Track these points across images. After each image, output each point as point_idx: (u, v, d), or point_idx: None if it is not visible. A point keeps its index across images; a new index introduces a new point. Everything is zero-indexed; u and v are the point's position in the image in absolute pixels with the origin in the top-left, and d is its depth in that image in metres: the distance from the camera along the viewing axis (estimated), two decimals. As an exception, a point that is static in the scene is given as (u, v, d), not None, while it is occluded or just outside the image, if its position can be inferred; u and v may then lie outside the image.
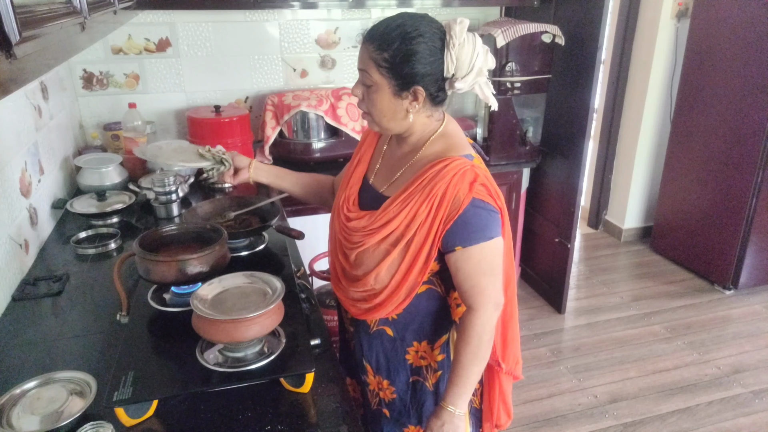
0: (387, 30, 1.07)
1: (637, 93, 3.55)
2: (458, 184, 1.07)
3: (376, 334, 1.27)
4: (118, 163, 2.09)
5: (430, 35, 1.06)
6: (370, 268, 1.16)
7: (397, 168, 1.19)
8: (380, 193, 1.20)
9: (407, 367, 1.28)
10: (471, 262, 1.11)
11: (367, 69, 1.09)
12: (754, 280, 3.21)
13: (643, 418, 2.32)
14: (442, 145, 1.15)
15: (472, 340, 1.14)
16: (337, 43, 2.72)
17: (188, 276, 1.22)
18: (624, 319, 3.01)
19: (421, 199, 1.09)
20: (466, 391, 1.16)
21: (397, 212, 1.11)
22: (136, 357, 1.10)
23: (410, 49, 1.05)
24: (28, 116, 1.76)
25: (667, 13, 3.30)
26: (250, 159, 1.44)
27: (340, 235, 1.23)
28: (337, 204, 1.28)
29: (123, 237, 1.75)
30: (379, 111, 1.12)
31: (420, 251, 1.12)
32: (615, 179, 3.86)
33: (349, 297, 1.25)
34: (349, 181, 1.28)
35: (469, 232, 1.09)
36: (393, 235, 1.12)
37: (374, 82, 1.09)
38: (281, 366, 1.08)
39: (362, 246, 1.15)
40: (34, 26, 0.72)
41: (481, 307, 1.13)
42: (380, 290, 1.18)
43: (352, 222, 1.19)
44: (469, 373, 1.15)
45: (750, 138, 2.93)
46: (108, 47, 2.43)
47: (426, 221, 1.09)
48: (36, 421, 0.97)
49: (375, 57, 1.07)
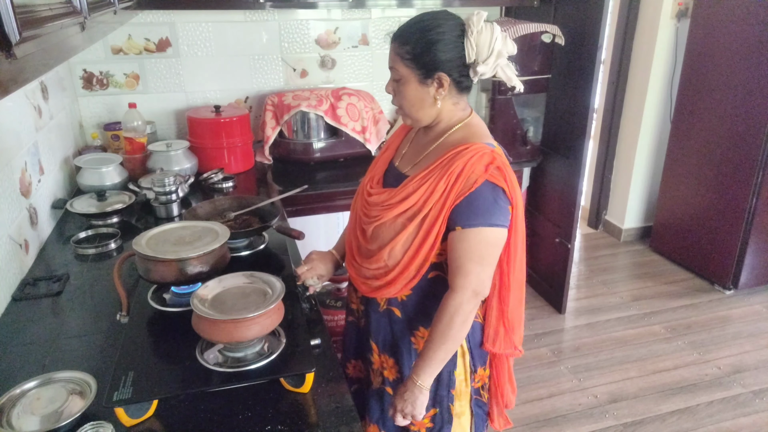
0: (408, 26, 1.16)
1: (637, 93, 3.55)
2: (475, 164, 1.12)
3: (384, 312, 1.30)
4: (118, 163, 2.09)
5: (449, 26, 1.13)
6: (385, 242, 1.20)
7: (422, 152, 1.24)
8: (403, 173, 1.26)
9: (412, 351, 1.30)
10: (464, 244, 1.13)
11: (394, 65, 1.18)
12: (754, 280, 3.20)
13: (644, 418, 2.32)
14: (465, 133, 1.21)
15: (443, 318, 1.16)
16: (337, 43, 2.72)
17: (188, 276, 1.22)
18: (624, 319, 3.01)
19: (439, 177, 1.14)
20: (431, 366, 1.18)
21: (416, 188, 1.16)
22: (136, 357, 1.10)
23: (430, 38, 1.12)
24: (28, 116, 1.76)
25: (667, 13, 3.29)
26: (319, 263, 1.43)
27: (361, 212, 1.28)
28: (362, 185, 1.34)
29: (123, 237, 1.75)
30: (408, 102, 1.19)
31: (432, 226, 1.15)
32: (615, 179, 3.86)
33: (361, 275, 1.29)
34: (376, 164, 1.35)
35: (472, 213, 1.12)
36: (411, 210, 1.17)
37: (402, 75, 1.17)
38: (281, 366, 1.08)
39: (379, 219, 1.20)
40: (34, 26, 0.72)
41: (460, 290, 1.15)
42: (392, 267, 1.21)
43: (373, 197, 1.25)
44: (436, 350, 1.17)
45: (750, 138, 2.93)
46: (108, 47, 2.43)
47: (441, 197, 1.14)
48: (36, 421, 0.97)
49: (399, 51, 1.16)
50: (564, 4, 2.69)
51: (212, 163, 2.30)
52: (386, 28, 2.76)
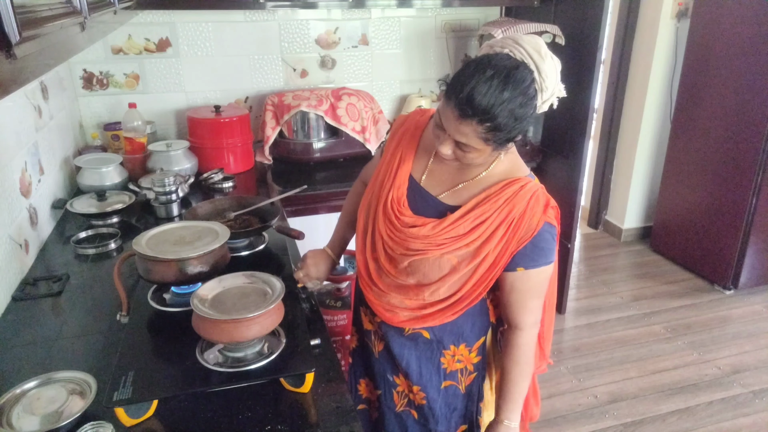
0: (497, 112, 0.95)
1: (637, 93, 3.55)
2: (534, 206, 1.08)
3: (410, 336, 1.24)
4: (118, 163, 2.09)
5: (529, 91, 0.98)
6: (430, 279, 1.12)
7: (458, 178, 1.15)
8: (438, 199, 1.15)
9: (441, 372, 1.26)
10: (528, 283, 1.12)
11: (472, 143, 1.00)
12: (754, 280, 3.20)
13: (644, 418, 2.32)
14: (508, 163, 1.14)
15: (522, 359, 1.17)
16: (337, 43, 2.72)
17: (188, 276, 1.22)
18: (624, 319, 3.01)
19: (499, 219, 1.08)
20: (519, 405, 1.20)
21: (472, 227, 1.09)
22: (136, 357, 1.10)
23: (518, 115, 0.97)
24: (28, 116, 1.76)
25: (667, 13, 3.29)
26: (320, 255, 1.40)
27: (389, 238, 1.16)
28: (379, 203, 1.19)
29: (123, 237, 1.75)
30: (474, 164, 1.09)
31: (490, 271, 1.10)
32: (615, 179, 3.86)
33: (386, 303, 1.21)
34: (394, 179, 1.19)
35: (535, 255, 1.10)
36: (465, 250, 1.09)
37: (476, 150, 1.02)
38: (281, 366, 1.08)
39: (422, 255, 1.11)
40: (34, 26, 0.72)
41: (526, 327, 1.16)
42: (432, 303, 1.15)
43: (413, 228, 1.13)
44: (521, 388, 1.19)
45: (750, 138, 2.92)
46: (108, 47, 2.43)
47: (501, 241, 1.09)
48: (36, 421, 0.97)
49: (485, 136, 0.99)
50: (564, 4, 2.69)
51: (212, 163, 2.30)
52: (386, 28, 2.76)
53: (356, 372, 1.45)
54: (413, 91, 2.92)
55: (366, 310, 1.33)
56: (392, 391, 1.34)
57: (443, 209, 1.13)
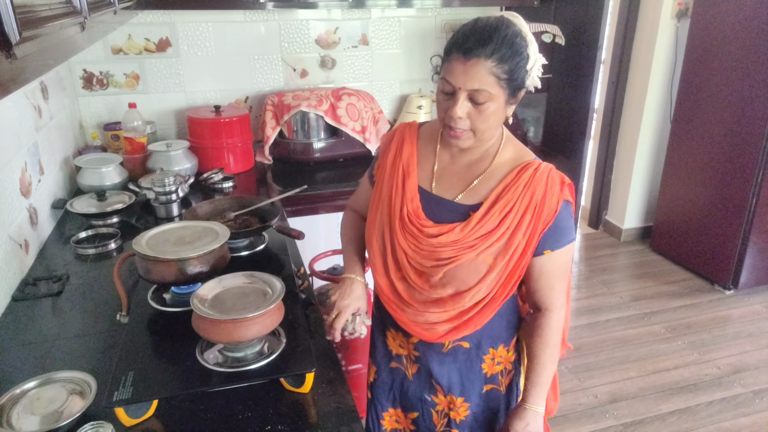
0: (491, 34, 0.98)
1: (637, 93, 3.55)
2: (552, 186, 1.08)
3: (450, 351, 1.21)
4: (118, 163, 2.09)
5: (519, 36, 1.01)
6: (468, 285, 1.10)
7: (469, 176, 1.13)
8: (455, 202, 1.13)
9: (482, 377, 1.24)
10: (555, 264, 1.12)
11: (486, 86, 0.99)
12: (754, 280, 3.20)
13: (644, 418, 2.32)
14: (513, 149, 1.14)
15: (551, 341, 1.17)
16: (337, 43, 2.72)
17: (188, 276, 1.22)
18: (624, 319, 3.01)
19: (523, 205, 1.07)
20: (546, 389, 1.20)
21: (500, 220, 1.08)
22: (136, 357, 1.10)
23: (520, 50, 1.00)
24: (28, 116, 1.76)
25: (667, 13, 3.29)
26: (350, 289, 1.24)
27: (415, 254, 1.13)
28: (393, 220, 1.15)
29: (123, 237, 1.75)
30: (489, 126, 1.05)
31: (521, 259, 1.09)
32: (615, 179, 3.86)
33: (424, 320, 1.16)
34: (403, 193, 1.15)
35: (559, 235, 1.10)
36: (497, 245, 1.08)
37: (491, 97, 1.01)
38: (281, 366, 1.08)
39: (456, 261, 1.08)
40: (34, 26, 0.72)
41: (556, 308, 1.16)
42: (471, 306, 1.12)
43: (440, 237, 1.10)
44: (550, 371, 1.19)
45: (750, 138, 2.92)
46: (108, 47, 2.43)
47: (529, 227, 1.08)
48: (36, 421, 0.97)
49: (496, 71, 0.99)
50: (564, 4, 2.69)
51: (212, 163, 2.31)
52: (386, 28, 2.76)
53: (378, 406, 1.37)
54: (413, 91, 2.92)
55: (396, 333, 1.28)
56: (431, 411, 1.30)
57: (464, 210, 1.11)
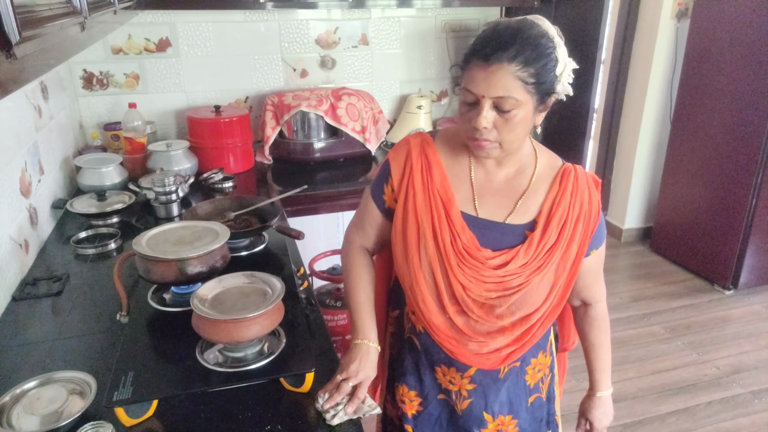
0: (522, 42, 0.92)
1: (637, 93, 3.55)
2: (592, 190, 1.09)
3: (506, 375, 1.16)
4: (118, 163, 2.09)
5: (547, 34, 0.95)
6: (536, 306, 1.07)
7: (512, 192, 1.07)
8: (507, 224, 1.06)
9: (526, 389, 1.21)
10: (599, 260, 1.16)
11: (511, 93, 0.92)
12: (754, 280, 3.21)
13: (643, 419, 2.32)
14: (545, 157, 1.10)
15: (607, 326, 1.23)
16: (337, 43, 2.72)
17: (188, 276, 1.22)
18: (623, 319, 3.01)
19: (575, 215, 1.06)
20: (609, 371, 1.28)
21: (558, 235, 1.05)
22: (136, 357, 1.10)
23: (548, 52, 0.94)
24: (28, 116, 1.76)
25: (667, 13, 3.29)
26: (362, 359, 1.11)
27: (477, 287, 1.05)
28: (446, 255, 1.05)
29: (123, 237, 1.75)
30: (517, 136, 0.98)
31: (576, 266, 1.09)
32: (615, 179, 3.86)
33: (490, 348, 1.10)
34: (451, 223, 1.05)
35: (600, 234, 1.13)
36: (555, 259, 1.06)
37: (518, 105, 0.93)
38: (281, 366, 1.08)
39: (527, 285, 1.05)
40: (34, 26, 0.72)
41: (604, 298, 1.21)
42: (534, 323, 1.09)
43: (507, 266, 1.04)
44: (609, 356, 1.26)
45: (750, 138, 2.93)
46: (108, 47, 2.43)
47: (582, 235, 1.08)
48: (36, 421, 0.97)
49: (521, 75, 0.92)
50: (564, 4, 2.69)
51: (212, 163, 2.31)
52: (386, 28, 2.76)
53: None
54: (413, 91, 2.92)
55: (447, 369, 1.17)
56: None
57: (519, 232, 1.06)
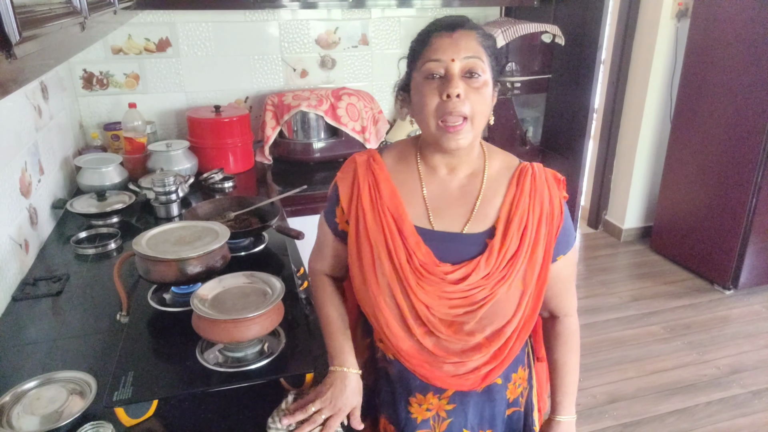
0: (474, 23, 0.96)
1: (637, 93, 3.55)
2: (553, 187, 1.03)
3: (484, 392, 1.10)
4: (118, 163, 2.09)
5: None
6: (506, 318, 1.01)
7: (467, 199, 1.02)
8: (465, 234, 1.00)
9: (505, 402, 1.14)
10: (568, 268, 1.08)
11: (478, 55, 0.92)
12: (754, 280, 3.21)
13: (642, 419, 2.32)
14: (498, 157, 1.06)
15: (576, 345, 1.14)
16: (337, 43, 2.72)
17: (188, 276, 1.22)
18: (623, 319, 3.01)
19: (536, 217, 1.00)
20: (575, 397, 1.15)
21: (519, 240, 0.98)
22: (136, 357, 1.10)
23: (495, 41, 0.97)
24: (28, 116, 1.76)
25: (667, 13, 3.30)
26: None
27: (441, 305, 0.99)
28: (403, 276, 0.98)
29: (123, 237, 1.75)
30: (486, 109, 0.95)
31: (544, 271, 1.02)
32: (615, 179, 3.87)
33: (466, 369, 1.03)
34: (404, 241, 0.99)
35: (568, 237, 1.06)
36: (523, 266, 0.99)
37: (485, 71, 0.93)
38: (281, 366, 1.08)
39: (493, 297, 0.98)
40: (34, 26, 0.72)
41: (574, 312, 1.13)
42: (509, 336, 1.03)
43: (468, 279, 0.97)
44: (577, 378, 1.14)
45: (750, 138, 2.93)
46: (108, 47, 2.43)
47: (545, 237, 1.01)
48: (36, 421, 0.97)
49: (484, 43, 0.94)
50: (564, 4, 2.69)
51: (212, 163, 2.31)
52: (386, 28, 2.76)
53: None
54: (413, 91, 2.91)
55: (423, 398, 1.10)
56: None
57: (478, 241, 1.00)
